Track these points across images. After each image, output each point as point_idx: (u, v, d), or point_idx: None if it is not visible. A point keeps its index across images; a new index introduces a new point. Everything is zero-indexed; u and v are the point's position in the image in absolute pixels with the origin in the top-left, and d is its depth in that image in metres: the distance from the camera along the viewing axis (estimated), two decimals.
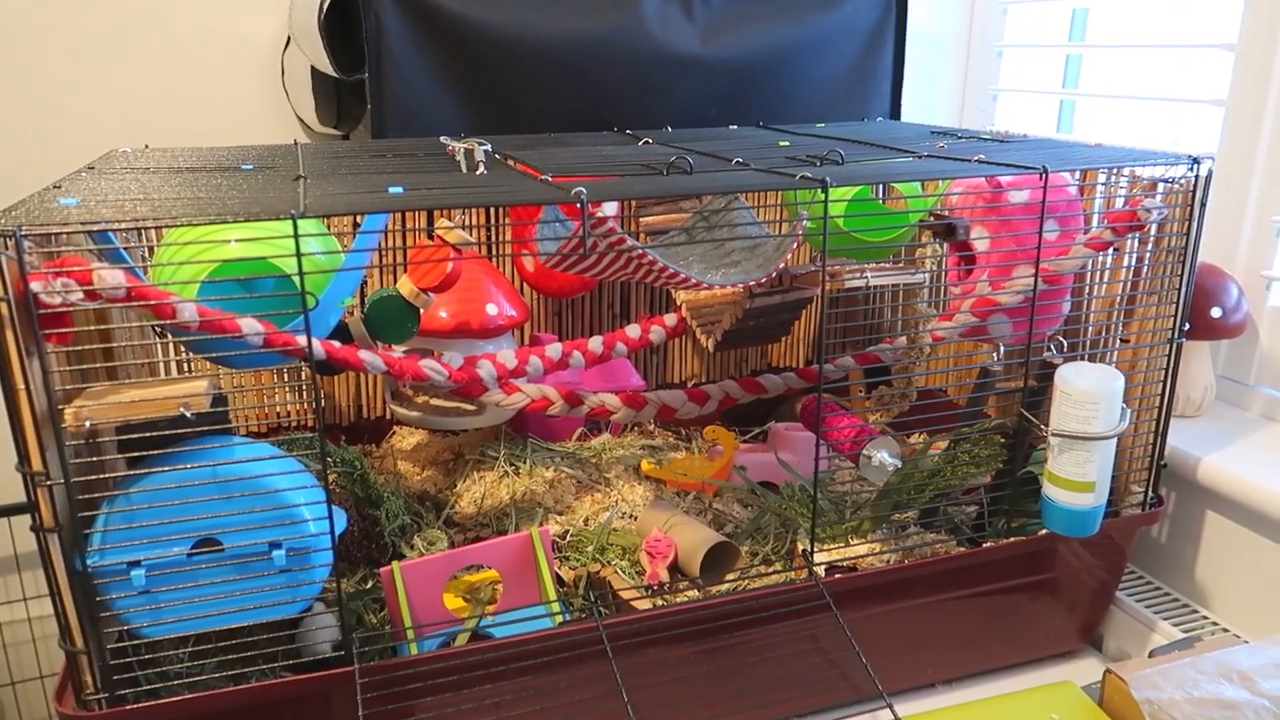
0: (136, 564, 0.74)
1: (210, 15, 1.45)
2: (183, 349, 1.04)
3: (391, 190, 0.82)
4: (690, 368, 1.47)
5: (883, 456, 0.90)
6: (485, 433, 1.28)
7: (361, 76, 1.31)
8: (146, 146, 1.21)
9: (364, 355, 0.87)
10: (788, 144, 1.16)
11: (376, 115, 1.31)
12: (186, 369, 1.11)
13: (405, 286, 1.00)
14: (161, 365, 1.11)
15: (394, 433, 1.33)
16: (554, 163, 0.99)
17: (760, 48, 1.43)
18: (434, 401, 1.17)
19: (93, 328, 0.89)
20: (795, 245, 0.87)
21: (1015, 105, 1.64)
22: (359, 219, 1.05)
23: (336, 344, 0.86)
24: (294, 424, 1.31)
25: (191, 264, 0.81)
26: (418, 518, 1.12)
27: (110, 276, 0.71)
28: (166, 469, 0.75)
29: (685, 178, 0.89)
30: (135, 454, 0.77)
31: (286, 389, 1.31)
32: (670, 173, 0.92)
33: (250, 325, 0.78)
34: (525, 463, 1.21)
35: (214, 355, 0.86)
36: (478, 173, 0.97)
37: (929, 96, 1.69)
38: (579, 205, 0.75)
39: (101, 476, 0.74)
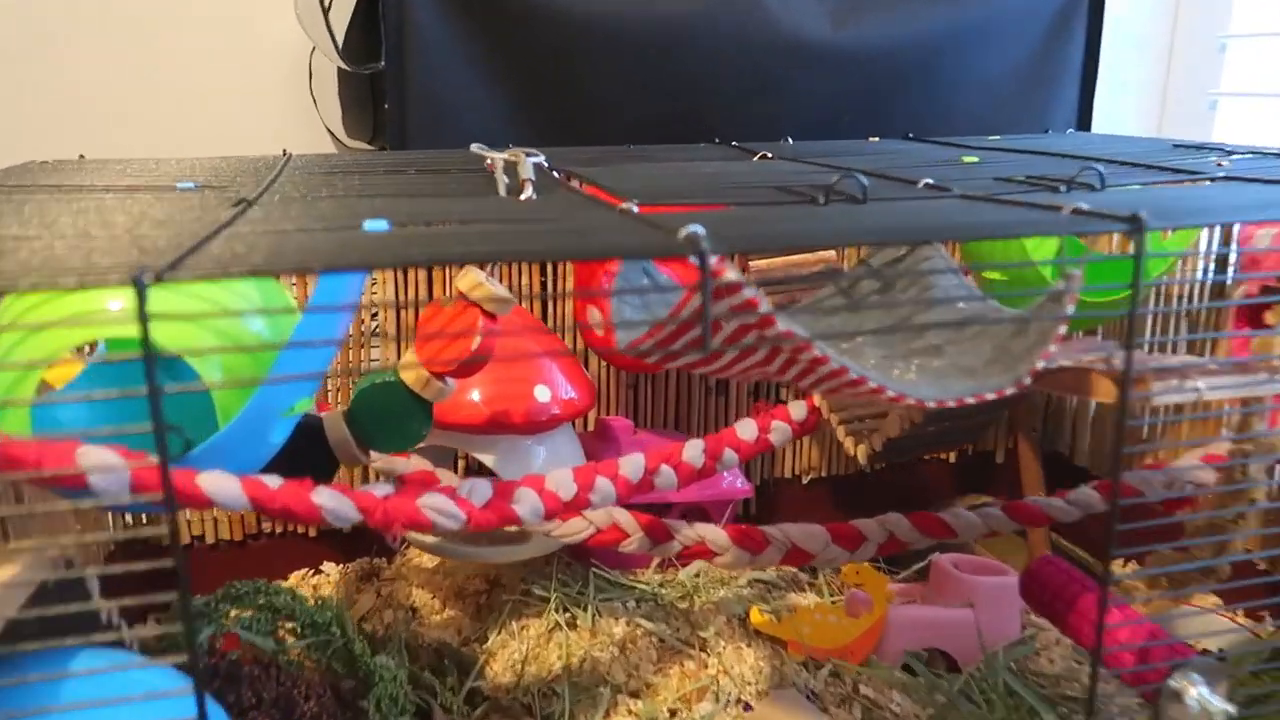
0: None
1: (231, 12, 1.17)
2: None
3: (368, 227, 0.48)
4: (806, 457, 1.11)
5: (1202, 695, 0.53)
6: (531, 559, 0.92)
7: (377, 68, 0.99)
8: (81, 157, 0.90)
9: (321, 499, 0.53)
10: (977, 160, 0.80)
11: (396, 119, 0.98)
12: None
13: (410, 369, 0.66)
14: None
15: (409, 544, 0.99)
16: (636, 184, 0.65)
17: (910, 35, 1.07)
18: None
19: None
20: (1060, 331, 0.50)
21: (1239, 113, 1.24)
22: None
23: (271, 481, 0.51)
24: (282, 530, 0.98)
25: (23, 351, 0.48)
26: (429, 696, 0.77)
27: None
28: None
29: (863, 212, 0.53)
30: None
31: None
32: (830, 201, 0.56)
33: (98, 459, 0.44)
34: (585, 609, 0.86)
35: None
36: (523, 197, 0.63)
37: (1114, 103, 1.30)
38: (695, 260, 0.40)
39: None
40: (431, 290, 0.95)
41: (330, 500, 0.53)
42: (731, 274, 0.43)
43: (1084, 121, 1.16)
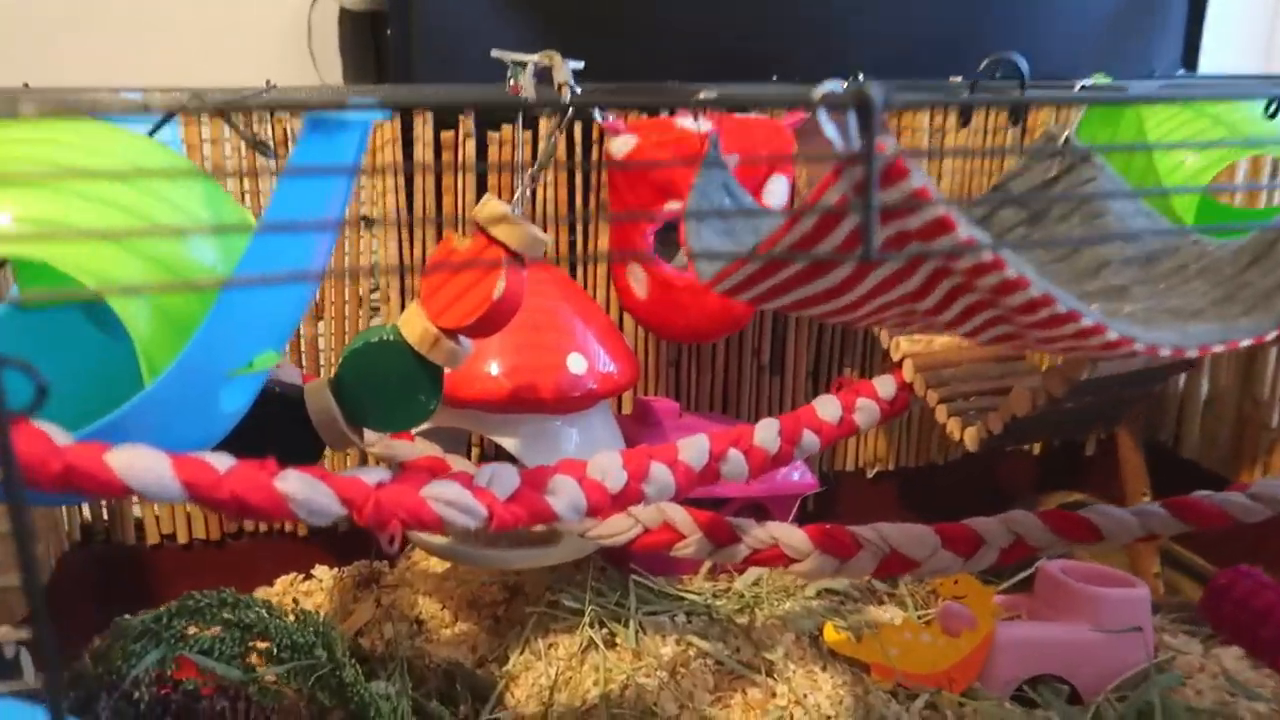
0: None
1: None
2: None
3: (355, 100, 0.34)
4: (872, 446, 0.96)
5: None
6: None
7: None
8: (26, 85, 0.76)
9: (288, 486, 0.38)
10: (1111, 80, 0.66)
11: (400, 56, 0.84)
12: None
13: (414, 324, 0.52)
14: None
15: (415, 546, 0.85)
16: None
17: None
18: None
19: None
20: None
21: None
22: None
23: (219, 461, 0.37)
24: (268, 529, 0.85)
25: None
26: None
27: None
28: None
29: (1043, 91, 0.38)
30: None
31: None
32: (977, 92, 0.42)
33: None
34: (626, 625, 0.71)
35: None
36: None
37: (1212, 44, 1.15)
38: (861, 112, 0.25)
39: None
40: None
41: (301, 488, 0.39)
42: (892, 146, 0.28)
43: (1190, 61, 1.01)
